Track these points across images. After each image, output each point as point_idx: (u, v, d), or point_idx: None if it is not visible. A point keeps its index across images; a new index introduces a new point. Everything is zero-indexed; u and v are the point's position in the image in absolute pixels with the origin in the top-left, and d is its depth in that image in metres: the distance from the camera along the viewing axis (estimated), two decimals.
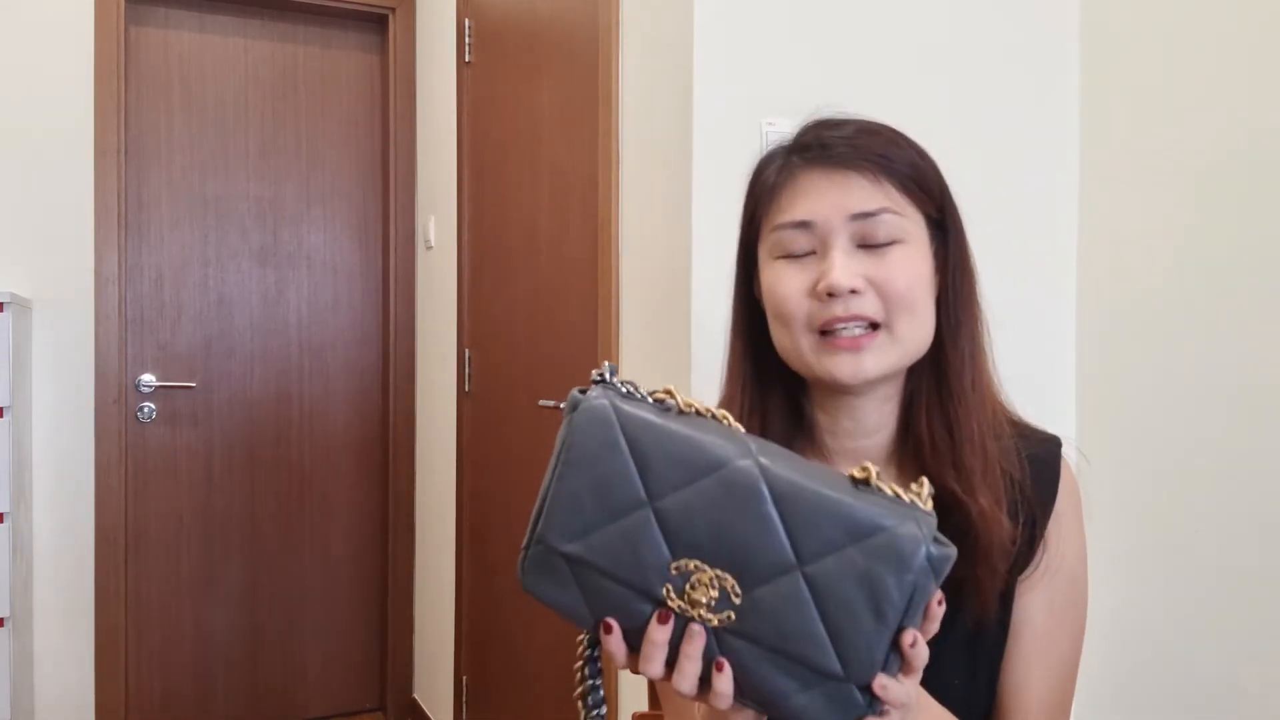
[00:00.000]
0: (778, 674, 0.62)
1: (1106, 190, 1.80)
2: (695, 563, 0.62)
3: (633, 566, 0.63)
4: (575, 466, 0.64)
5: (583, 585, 0.65)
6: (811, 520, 0.61)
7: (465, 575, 2.64)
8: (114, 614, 2.66)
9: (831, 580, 0.60)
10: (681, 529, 0.62)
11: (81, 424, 2.61)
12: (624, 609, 0.64)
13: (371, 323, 3.12)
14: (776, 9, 1.60)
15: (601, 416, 0.64)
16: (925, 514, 0.62)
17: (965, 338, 0.83)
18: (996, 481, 0.80)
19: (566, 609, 0.66)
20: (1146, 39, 1.72)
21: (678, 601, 0.63)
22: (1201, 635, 1.61)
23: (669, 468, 0.63)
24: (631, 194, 1.76)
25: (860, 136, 0.81)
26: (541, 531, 0.66)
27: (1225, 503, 1.58)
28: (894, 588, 0.60)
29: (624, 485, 0.63)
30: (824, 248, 0.80)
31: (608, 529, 0.64)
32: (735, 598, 0.62)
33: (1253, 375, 1.55)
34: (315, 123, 3.04)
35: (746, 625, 0.62)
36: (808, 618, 0.61)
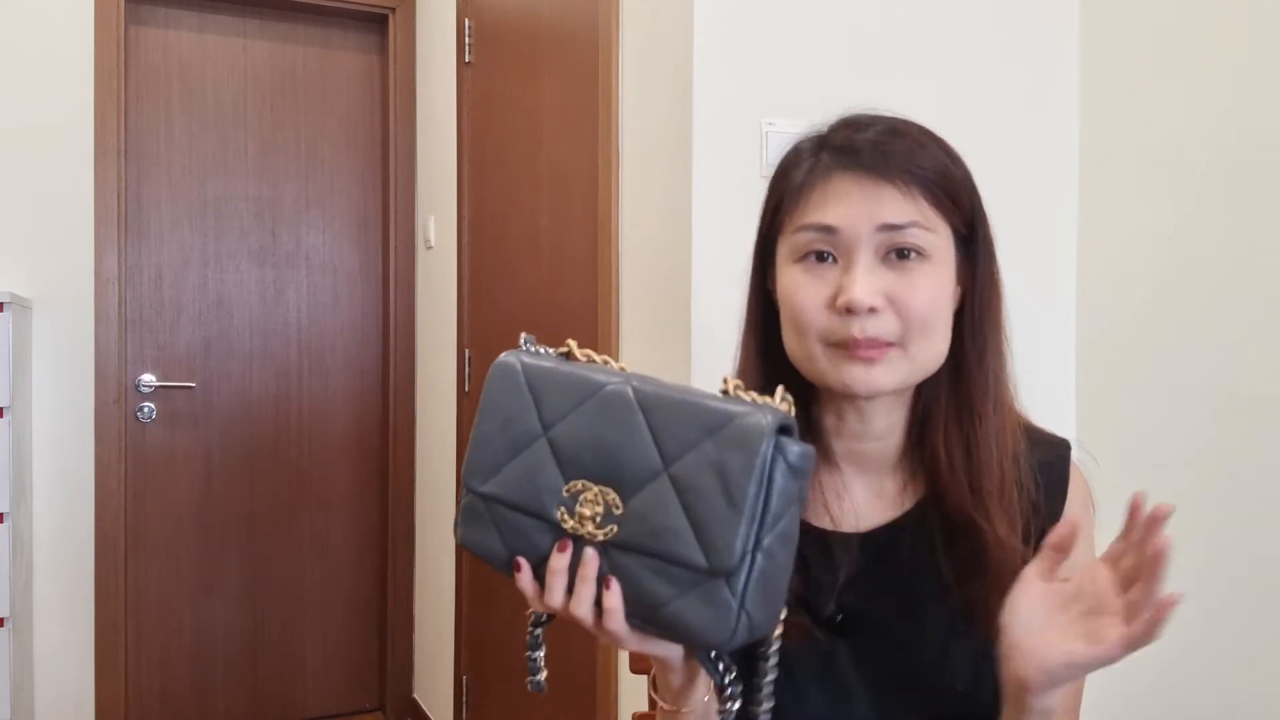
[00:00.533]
0: (657, 580, 0.65)
1: (1106, 190, 1.80)
2: (583, 482, 0.68)
3: (532, 494, 0.70)
4: (486, 413, 0.73)
5: (497, 524, 0.72)
6: (674, 424, 0.66)
7: (465, 575, 2.64)
8: (114, 614, 2.66)
9: (690, 474, 0.64)
10: (570, 452, 0.69)
11: (81, 424, 2.61)
12: (530, 541, 0.70)
13: (371, 323, 3.12)
14: (777, 9, 1.60)
15: (507, 367, 0.74)
16: (775, 408, 0.65)
17: (990, 359, 0.82)
18: (1012, 505, 0.79)
19: (489, 552, 0.72)
20: (1146, 39, 1.72)
21: (570, 522, 0.68)
22: (1201, 636, 1.61)
23: (559, 397, 0.70)
24: (631, 194, 1.76)
25: (890, 139, 0.79)
26: (466, 478, 0.73)
27: (1225, 502, 1.58)
28: (740, 471, 0.63)
29: (523, 420, 0.71)
30: (847, 258, 0.78)
31: (513, 464, 0.71)
32: (616, 509, 0.67)
33: (1252, 375, 1.55)
34: (315, 123, 3.04)
35: (627, 534, 0.66)
36: (674, 515, 0.65)
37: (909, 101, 1.78)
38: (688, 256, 1.56)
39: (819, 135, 0.83)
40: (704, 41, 1.55)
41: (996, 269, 0.83)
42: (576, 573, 0.67)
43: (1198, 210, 1.63)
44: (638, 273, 1.75)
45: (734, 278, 1.42)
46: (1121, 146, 1.77)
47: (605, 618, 0.67)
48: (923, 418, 0.84)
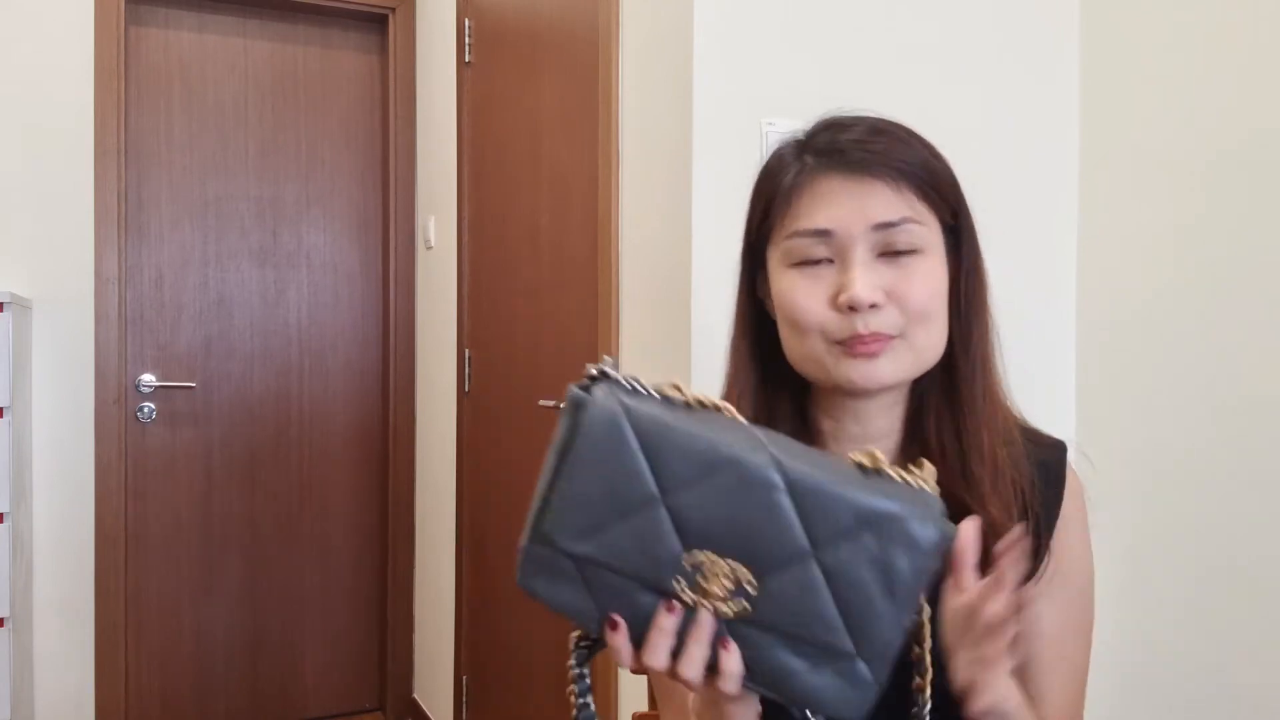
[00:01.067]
0: (788, 654, 0.63)
1: (1106, 190, 1.80)
2: (708, 554, 0.63)
3: (644, 563, 0.63)
4: (584, 466, 0.64)
5: (589, 583, 0.65)
6: (824, 508, 0.62)
7: (465, 575, 2.64)
8: (114, 614, 2.66)
9: (845, 565, 0.62)
10: (694, 522, 0.62)
11: (81, 424, 2.61)
12: (633, 604, 0.64)
13: (371, 323, 3.12)
14: (776, 9, 1.60)
15: (610, 416, 0.63)
16: (932, 497, 0.63)
17: (977, 345, 0.83)
18: (1006, 490, 0.79)
19: (571, 608, 0.66)
20: (1146, 38, 1.72)
21: (690, 594, 0.63)
22: (1200, 636, 1.61)
23: (681, 464, 0.62)
24: (631, 194, 1.76)
25: (874, 138, 0.79)
26: (548, 532, 0.65)
27: (1225, 503, 1.58)
28: (906, 569, 0.61)
29: (635, 482, 0.63)
30: (843, 258, 0.78)
31: (619, 527, 0.63)
32: (750, 587, 0.62)
33: (1253, 375, 1.55)
34: (315, 123, 3.04)
35: (761, 614, 0.63)
36: (822, 602, 0.62)
37: (909, 101, 1.78)
38: (688, 256, 1.56)
39: (799, 139, 0.83)
40: (704, 41, 1.56)
41: (981, 258, 0.84)
42: (687, 636, 0.63)
43: (1198, 210, 1.62)
44: (638, 273, 1.75)
45: (734, 277, 1.42)
46: (1121, 146, 1.77)
47: (721, 680, 0.64)
48: (917, 412, 0.84)
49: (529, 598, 0.66)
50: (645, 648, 0.64)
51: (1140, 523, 1.69)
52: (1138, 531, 1.70)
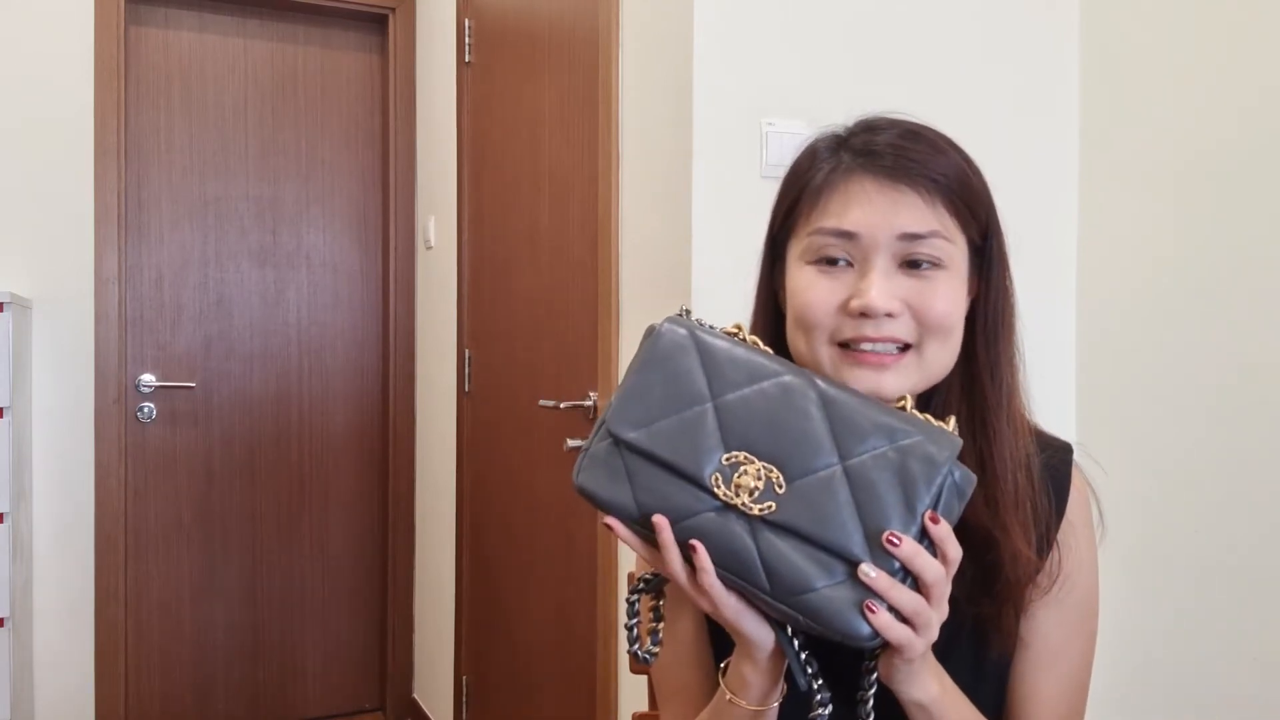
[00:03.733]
0: (808, 564, 0.66)
1: (1106, 190, 1.80)
2: (745, 454, 0.68)
3: (687, 454, 0.68)
4: (648, 365, 0.72)
5: (634, 478, 0.70)
6: (854, 424, 0.68)
7: (465, 575, 2.64)
8: (114, 614, 2.66)
9: (868, 473, 0.66)
10: (737, 424, 0.69)
11: (81, 424, 2.61)
12: (668, 501, 0.68)
13: (371, 323, 3.12)
14: (777, 9, 1.60)
15: (679, 335, 0.72)
16: (954, 436, 0.68)
17: (1003, 370, 0.81)
18: (1026, 519, 0.78)
19: (615, 503, 0.70)
20: (1146, 38, 1.72)
21: (724, 489, 0.67)
22: (1202, 636, 1.61)
23: (733, 371, 0.70)
24: (631, 194, 1.76)
25: (908, 142, 0.77)
26: (608, 420, 0.71)
27: (1225, 503, 1.58)
28: (922, 481, 0.66)
29: (690, 382, 0.70)
30: (864, 262, 0.76)
31: (670, 419, 0.70)
32: (779, 489, 0.67)
33: (1253, 375, 1.55)
34: (315, 123, 3.04)
35: (784, 514, 0.67)
36: (844, 507, 0.66)
37: (909, 102, 1.78)
38: (688, 256, 1.56)
39: (836, 136, 0.81)
40: (704, 41, 1.56)
41: (1010, 281, 0.82)
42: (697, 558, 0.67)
43: (1197, 210, 1.62)
44: (638, 273, 1.75)
45: (734, 277, 1.41)
46: (1121, 147, 1.77)
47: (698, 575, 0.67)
48: None
49: (581, 495, 0.71)
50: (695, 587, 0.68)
51: (1140, 523, 1.69)
52: (1137, 532, 1.70)
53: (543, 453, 2.15)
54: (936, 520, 0.66)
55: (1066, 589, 0.81)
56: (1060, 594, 0.81)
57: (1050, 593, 0.81)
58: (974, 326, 0.81)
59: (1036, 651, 0.82)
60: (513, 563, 2.33)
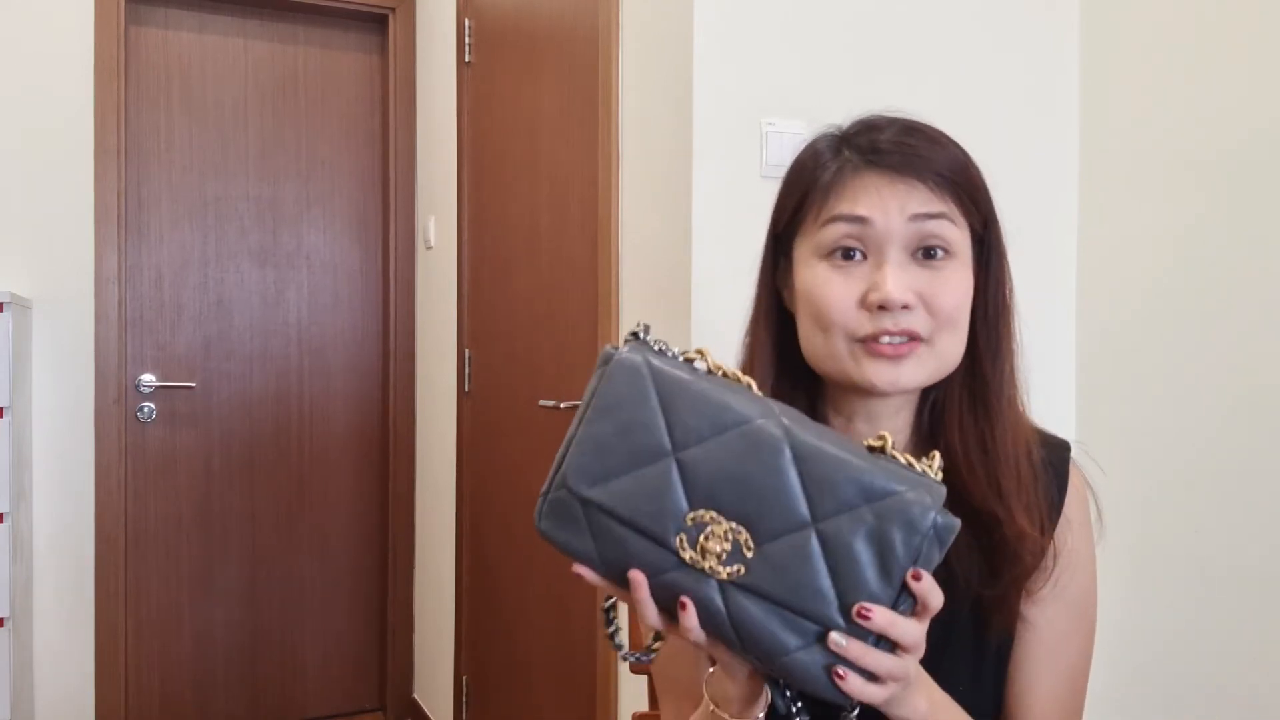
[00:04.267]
0: (780, 629, 0.63)
1: (1106, 191, 1.80)
2: (711, 514, 0.64)
3: (650, 515, 0.64)
4: (603, 413, 0.66)
5: (596, 533, 0.66)
6: (828, 480, 0.63)
7: (465, 575, 2.64)
8: (114, 614, 2.66)
9: (843, 537, 0.63)
10: (701, 480, 0.64)
11: (81, 424, 2.61)
12: (635, 556, 0.65)
13: (371, 323, 3.12)
14: (777, 9, 1.60)
15: (633, 368, 0.66)
16: (936, 484, 0.64)
17: (1004, 357, 0.83)
18: (1030, 499, 0.79)
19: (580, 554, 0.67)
20: (1146, 38, 1.72)
21: (690, 552, 0.64)
22: (1202, 636, 1.61)
23: (695, 420, 0.64)
24: (631, 194, 1.76)
25: (909, 137, 0.79)
26: (563, 474, 0.66)
27: (1225, 503, 1.58)
28: (901, 546, 0.62)
29: (649, 434, 0.65)
30: (877, 254, 0.78)
31: (629, 476, 0.65)
32: (747, 551, 0.63)
33: (1253, 375, 1.55)
34: (315, 123, 3.04)
35: (755, 579, 0.63)
36: (816, 572, 0.63)
37: (909, 102, 1.78)
38: (688, 256, 1.56)
39: (837, 135, 0.83)
40: (704, 41, 1.56)
41: (1008, 269, 0.85)
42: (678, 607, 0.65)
43: (1198, 210, 1.63)
44: (638, 273, 1.75)
45: (734, 277, 1.41)
46: (1121, 147, 1.77)
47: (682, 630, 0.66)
48: (934, 418, 0.84)
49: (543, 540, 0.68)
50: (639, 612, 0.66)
51: (1140, 523, 1.69)
52: (1137, 532, 1.70)
53: (543, 453, 2.15)
54: (919, 578, 0.63)
55: (1063, 585, 0.82)
56: (1057, 590, 0.82)
57: (1045, 589, 0.81)
58: (975, 315, 0.82)
59: (1034, 648, 0.83)
60: (513, 563, 2.33)
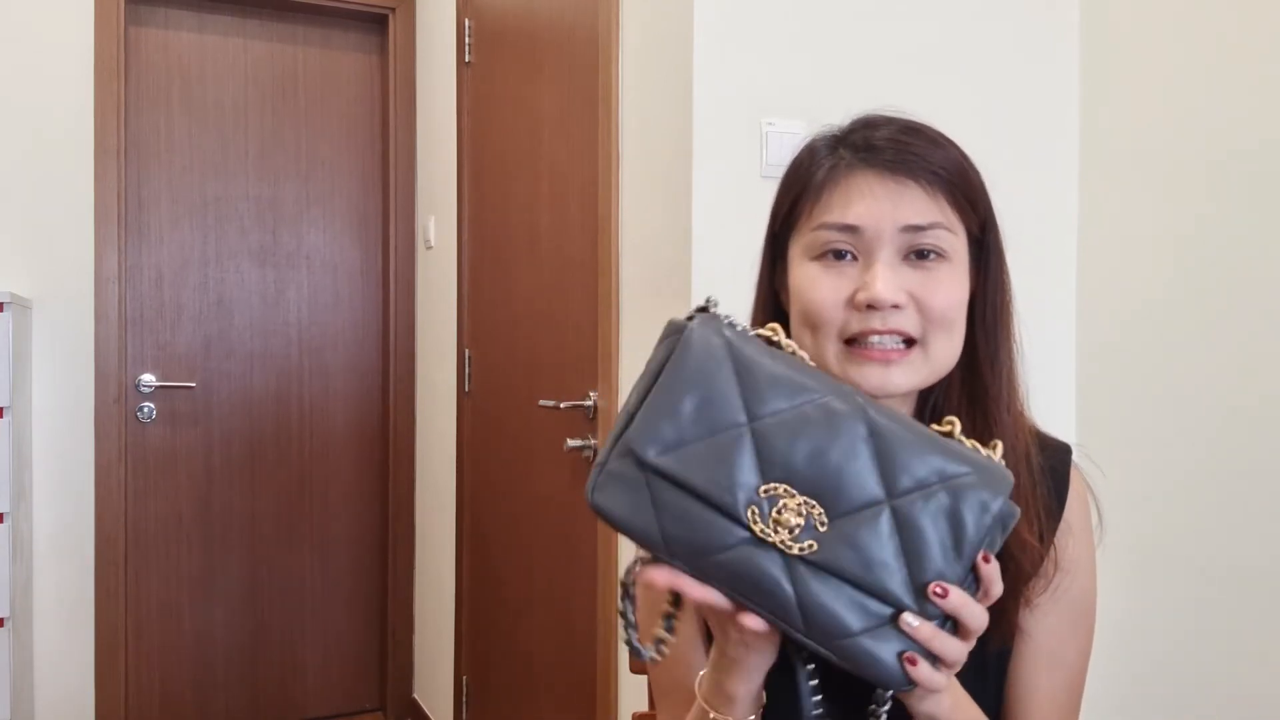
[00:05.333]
0: (848, 609, 0.62)
1: (1106, 190, 1.80)
2: (785, 487, 0.63)
3: (722, 484, 0.62)
4: (677, 379, 0.64)
5: (659, 505, 0.64)
6: (902, 458, 0.63)
7: (465, 575, 2.64)
8: (114, 614, 2.66)
9: (916, 515, 0.62)
10: (776, 453, 0.63)
11: (81, 424, 2.61)
12: (697, 531, 0.63)
13: (371, 323, 3.12)
14: (776, 9, 1.60)
15: (708, 340, 0.65)
16: (1005, 470, 0.65)
17: (1003, 361, 0.82)
18: (1030, 507, 0.78)
19: (637, 529, 0.64)
20: (1146, 38, 1.72)
21: (760, 525, 0.62)
22: (1201, 637, 1.61)
23: (771, 394, 0.64)
24: (631, 194, 1.76)
25: (908, 136, 0.78)
26: (630, 440, 0.64)
27: (1226, 503, 1.58)
28: (973, 527, 0.62)
29: (724, 405, 0.64)
30: (868, 256, 0.77)
31: (701, 444, 0.63)
32: (820, 527, 0.62)
33: (1253, 375, 1.55)
34: (315, 123, 3.04)
35: (827, 555, 0.62)
36: (889, 550, 0.62)
37: (909, 102, 1.78)
38: (688, 256, 1.56)
39: (835, 134, 0.82)
40: (704, 41, 1.56)
41: (1007, 272, 0.83)
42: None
43: (1198, 211, 1.62)
44: (638, 273, 1.75)
45: (734, 277, 1.41)
46: (1121, 147, 1.77)
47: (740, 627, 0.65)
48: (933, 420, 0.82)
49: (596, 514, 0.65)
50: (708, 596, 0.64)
51: (1140, 524, 1.69)
52: (1137, 533, 1.70)
53: (543, 453, 2.15)
54: (989, 560, 0.64)
55: (1063, 590, 0.81)
56: (1057, 594, 0.81)
57: (1045, 594, 0.81)
58: (973, 318, 0.81)
59: (1034, 652, 0.82)
60: (513, 563, 2.33)
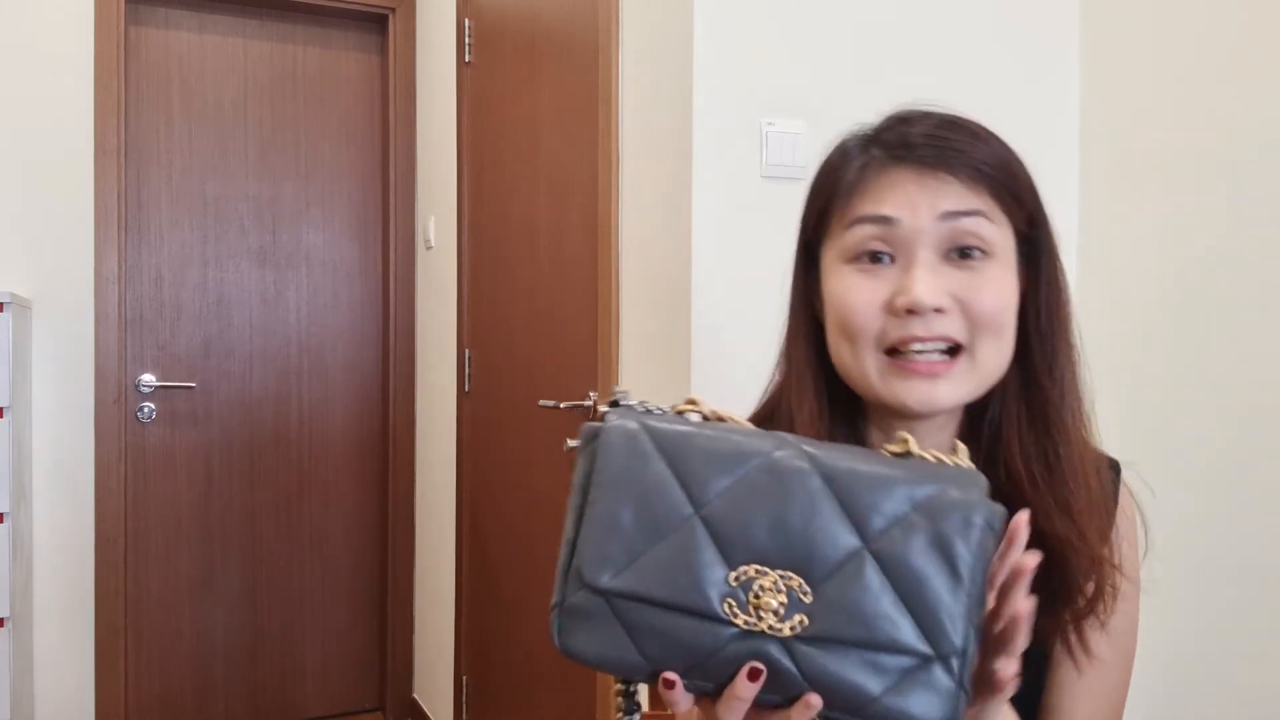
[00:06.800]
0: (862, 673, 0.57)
1: (1106, 190, 1.80)
2: (755, 567, 0.57)
3: (689, 587, 0.57)
4: (607, 488, 0.59)
5: (631, 627, 0.58)
6: (866, 497, 0.57)
7: (465, 575, 2.64)
8: (114, 614, 2.66)
9: (899, 550, 0.56)
10: (734, 533, 0.57)
11: (81, 424, 2.61)
12: (679, 643, 0.58)
13: (371, 323, 3.12)
14: (776, 9, 1.60)
15: (627, 432, 0.59)
16: (975, 473, 0.59)
17: (1063, 368, 0.76)
18: (1102, 520, 0.74)
19: (618, 662, 0.59)
20: (1146, 38, 1.72)
21: (743, 616, 0.56)
22: (1200, 637, 1.61)
23: (707, 469, 0.58)
24: (631, 194, 1.76)
25: (946, 131, 0.73)
26: (581, 571, 0.59)
27: (1225, 503, 1.58)
28: (961, 544, 0.56)
29: (664, 497, 0.58)
30: (907, 256, 0.72)
31: (653, 550, 0.58)
32: (805, 598, 0.57)
33: (1253, 375, 1.54)
34: (315, 123, 3.04)
35: (821, 625, 0.57)
36: (884, 598, 0.56)
37: (908, 101, 1.78)
38: (688, 256, 1.56)
39: (867, 133, 0.78)
40: (704, 41, 1.55)
41: (1061, 271, 0.78)
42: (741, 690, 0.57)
43: (1198, 210, 1.62)
44: (638, 273, 1.75)
45: (734, 277, 1.41)
46: (1121, 146, 1.77)
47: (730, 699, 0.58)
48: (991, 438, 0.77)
49: (571, 660, 0.61)
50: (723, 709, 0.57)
51: None
52: None
53: (543, 453, 2.14)
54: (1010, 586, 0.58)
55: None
56: None
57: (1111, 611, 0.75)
58: (1026, 323, 0.76)
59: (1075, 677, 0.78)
60: (513, 563, 2.33)
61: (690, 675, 0.58)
